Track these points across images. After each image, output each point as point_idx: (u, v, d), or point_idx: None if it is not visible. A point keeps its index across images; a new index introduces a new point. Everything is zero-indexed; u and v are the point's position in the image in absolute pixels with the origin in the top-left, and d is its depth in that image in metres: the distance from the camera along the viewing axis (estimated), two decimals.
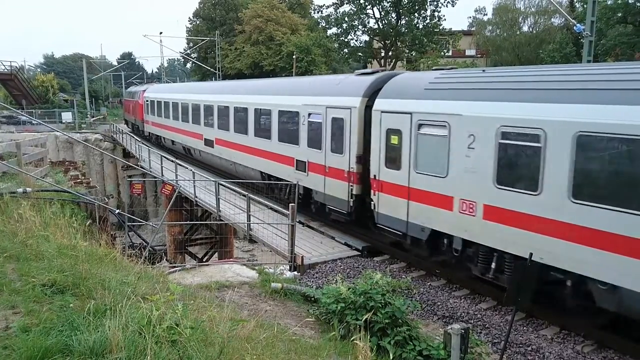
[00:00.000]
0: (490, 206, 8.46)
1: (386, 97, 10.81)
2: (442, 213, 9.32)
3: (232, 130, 18.50)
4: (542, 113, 7.74)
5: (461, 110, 8.96)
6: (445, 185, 9.24)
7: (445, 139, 9.21)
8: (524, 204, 7.94)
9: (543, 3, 47.16)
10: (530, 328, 8.18)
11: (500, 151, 8.28)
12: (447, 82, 9.86)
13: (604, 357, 7.30)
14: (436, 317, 8.74)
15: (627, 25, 37.03)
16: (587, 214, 7.16)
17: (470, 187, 8.80)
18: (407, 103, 10.13)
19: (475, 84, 9.30)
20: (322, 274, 10.45)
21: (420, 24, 41.41)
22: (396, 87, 10.87)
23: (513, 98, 8.30)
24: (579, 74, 8.06)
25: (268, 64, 51.30)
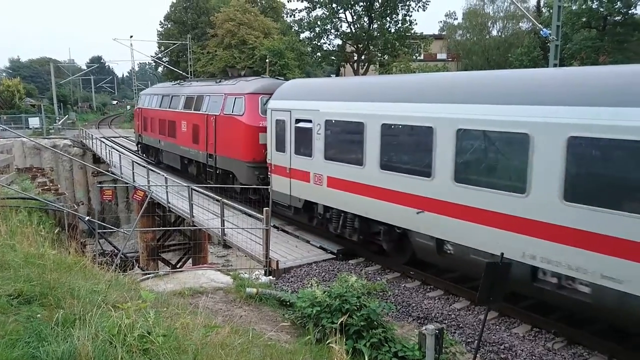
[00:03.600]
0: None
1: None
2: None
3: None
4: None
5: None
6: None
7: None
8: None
9: (511, 8, 48.24)
10: (502, 327, 8.31)
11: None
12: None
13: (573, 353, 7.47)
14: (411, 318, 8.81)
15: (591, 29, 38.13)
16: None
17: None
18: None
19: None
20: (298, 278, 10.42)
21: (392, 28, 41.72)
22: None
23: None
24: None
25: (241, 67, 50.98)
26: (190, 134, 19.20)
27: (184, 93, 20.70)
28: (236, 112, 15.84)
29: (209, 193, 14.85)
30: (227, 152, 16.32)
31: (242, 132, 15.46)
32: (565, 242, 7.17)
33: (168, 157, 22.57)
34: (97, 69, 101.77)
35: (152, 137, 24.56)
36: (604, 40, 36.38)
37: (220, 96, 17.02)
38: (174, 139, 21.09)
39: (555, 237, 7.28)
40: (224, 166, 16.78)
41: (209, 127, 17.48)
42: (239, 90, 16.10)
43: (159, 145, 23.66)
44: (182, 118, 20.05)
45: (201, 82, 21.48)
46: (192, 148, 19.15)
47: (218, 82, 18.71)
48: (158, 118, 23.13)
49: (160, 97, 23.68)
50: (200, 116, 18.22)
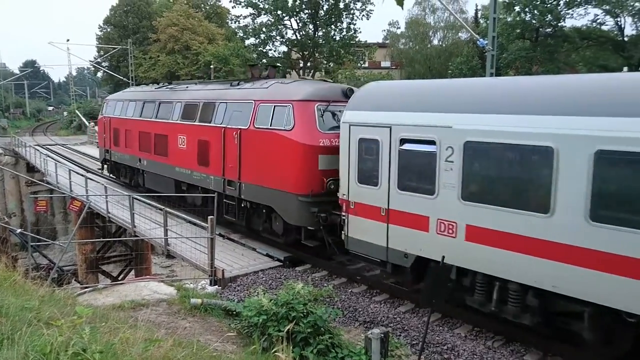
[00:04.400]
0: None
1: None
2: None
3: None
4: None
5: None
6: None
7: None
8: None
9: (451, 19, 49.97)
10: (445, 328, 8.54)
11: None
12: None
13: (511, 350, 7.78)
14: (358, 323, 8.89)
15: (525, 40, 40.12)
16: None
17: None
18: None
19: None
20: (244, 286, 10.29)
21: (337, 36, 42.27)
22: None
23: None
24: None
25: (184, 73, 50.07)
26: (193, 152, 14.51)
27: (180, 99, 15.82)
28: (278, 125, 11.34)
29: (152, 202, 14.42)
30: (262, 180, 11.84)
31: (290, 153, 11.03)
32: None
33: (154, 180, 17.30)
34: (31, 74, 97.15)
35: (128, 155, 19.08)
36: (537, 51, 38.33)
37: (248, 103, 12.45)
38: (164, 158, 16.17)
39: None
40: (255, 198, 12.26)
41: (228, 145, 12.89)
42: (281, 96, 11.65)
43: (138, 165, 18.22)
44: (178, 131, 15.26)
45: (205, 84, 16.36)
46: (196, 171, 14.44)
47: (236, 85, 13.89)
48: (138, 130, 17.93)
49: (139, 104, 18.38)
50: (213, 130, 13.54)
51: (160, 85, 19.51)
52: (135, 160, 18.48)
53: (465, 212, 7.95)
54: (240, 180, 12.54)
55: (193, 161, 14.57)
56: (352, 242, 9.90)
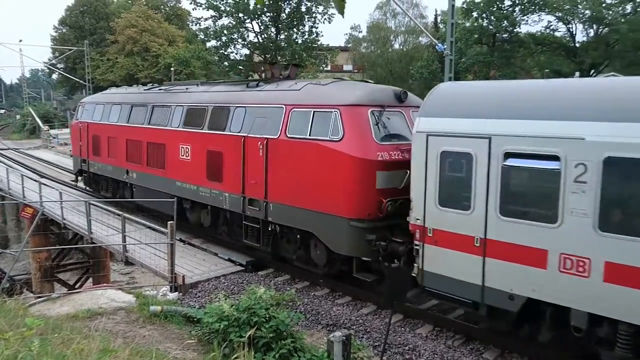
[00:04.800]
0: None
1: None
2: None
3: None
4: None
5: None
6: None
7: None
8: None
9: (411, 23, 50.82)
10: (407, 328, 8.64)
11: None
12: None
13: (471, 349, 7.93)
14: (320, 326, 8.89)
15: (483, 45, 41.21)
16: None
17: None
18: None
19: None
20: (205, 292, 10.14)
21: (300, 39, 42.39)
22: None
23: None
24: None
25: (144, 76, 49.06)
26: (200, 165, 12.43)
27: (181, 102, 13.59)
28: (321, 134, 9.47)
29: (110, 207, 14.07)
30: (298, 200, 9.92)
31: (340, 168, 9.15)
32: None
33: (147, 196, 14.81)
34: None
35: (112, 166, 16.64)
36: (494, 56, 39.43)
37: (276, 108, 10.51)
38: (160, 171, 14.00)
39: None
40: (288, 221, 10.33)
41: (249, 157, 10.90)
42: (323, 100, 9.77)
43: (125, 178, 15.83)
44: (180, 140, 13.11)
45: (210, 85, 14.10)
46: (205, 187, 12.31)
47: (255, 86, 11.88)
48: (124, 138, 15.67)
49: (125, 108, 16.05)
50: (228, 139, 11.50)
51: (150, 86, 17.35)
52: (121, 172, 15.99)
53: (604, 245, 6.28)
54: (266, 200, 10.54)
55: (200, 175, 12.38)
56: (430, 278, 7.97)
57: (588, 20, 39.49)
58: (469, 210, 7.45)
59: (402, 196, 8.75)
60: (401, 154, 9.13)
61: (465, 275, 7.52)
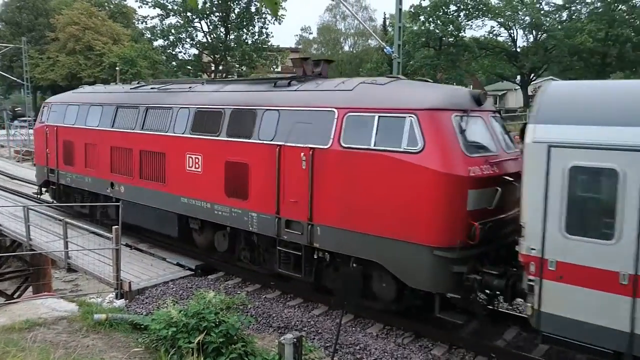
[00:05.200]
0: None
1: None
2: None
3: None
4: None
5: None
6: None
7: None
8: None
9: (361, 26, 51.51)
10: (358, 328, 8.71)
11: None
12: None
13: (420, 346, 8.09)
14: (272, 329, 8.83)
15: (430, 49, 42.31)
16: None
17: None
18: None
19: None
20: (153, 298, 9.87)
21: (249, 39, 42.09)
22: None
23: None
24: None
25: (87, 75, 47.31)
26: (216, 178, 10.44)
27: (186, 104, 11.43)
28: (391, 144, 7.80)
29: (51, 212, 13.46)
30: (359, 223, 8.17)
31: (421, 186, 7.52)
32: None
33: (140, 213, 12.52)
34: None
35: (91, 177, 14.09)
36: (441, 59, 40.57)
37: (325, 112, 8.73)
38: (159, 185, 11.80)
39: None
40: (343, 248, 8.52)
41: (288, 170, 9.12)
42: (390, 103, 8.07)
43: (109, 192, 13.42)
44: (186, 148, 11.13)
45: (223, 84, 12.00)
46: (223, 204, 10.37)
47: (287, 85, 10.02)
48: (109, 145, 13.30)
49: (109, 110, 13.60)
50: (256, 148, 9.64)
51: (136, 84, 14.89)
52: (104, 185, 13.47)
53: None
54: (311, 222, 8.77)
55: (216, 191, 10.43)
56: (550, 321, 6.54)
57: (528, 27, 41.35)
58: (611, 240, 6.08)
59: (491, 218, 7.59)
60: (491, 168, 7.70)
61: (604, 319, 6.14)
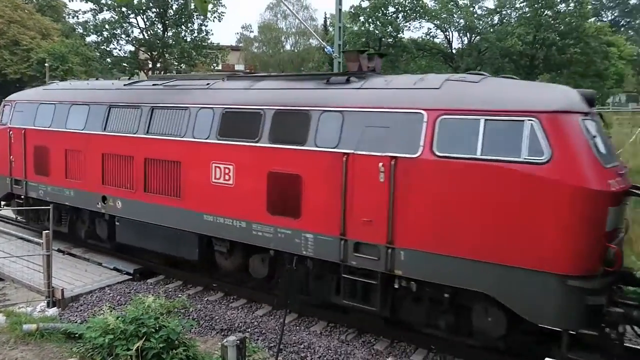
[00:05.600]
0: None
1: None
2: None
3: None
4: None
5: None
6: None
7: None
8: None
9: (302, 25, 51.63)
10: (302, 327, 8.74)
11: None
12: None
13: (363, 342, 8.22)
14: (215, 331, 8.70)
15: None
16: None
17: None
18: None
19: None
20: (88, 305, 9.47)
21: (188, 37, 41.17)
22: None
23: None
24: None
25: (13, 71, 44.61)
26: (255, 192, 8.79)
27: (210, 103, 9.62)
28: (509, 154, 6.57)
29: None
30: (462, 247, 6.86)
31: (550, 203, 6.31)
32: None
33: (143, 233, 10.62)
34: None
35: (73, 190, 11.80)
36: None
37: (409, 114, 7.38)
38: (173, 200, 9.92)
39: None
40: (438, 276, 7.17)
41: (358, 183, 7.67)
42: (499, 104, 6.86)
43: (101, 208, 11.29)
44: (213, 156, 9.34)
45: (253, 80, 10.04)
46: (264, 223, 8.71)
47: (345, 82, 8.51)
48: (99, 152, 11.23)
49: (98, 110, 11.44)
50: (314, 157, 8.12)
51: (132, 80, 12.94)
52: (93, 199, 11.31)
53: None
54: (392, 245, 7.41)
55: (255, 207, 8.77)
56: None
57: (462, 29, 42.94)
58: None
59: (618, 239, 6.75)
60: (622, 181, 6.77)
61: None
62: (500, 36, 39.03)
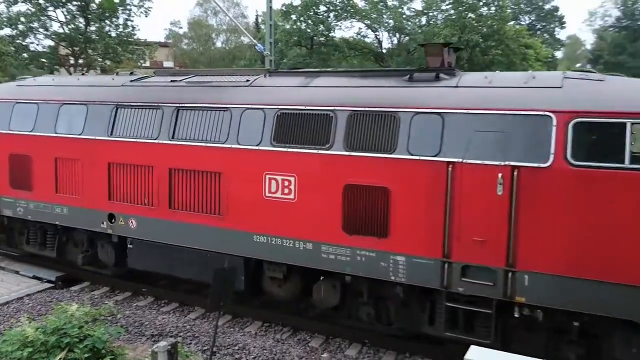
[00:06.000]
0: None
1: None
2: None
3: None
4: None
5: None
6: None
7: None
8: None
9: (233, 22, 50.90)
10: (236, 328, 8.64)
11: None
12: None
13: (298, 340, 8.26)
14: (145, 337, 8.40)
15: (302, 47, 43.12)
16: None
17: None
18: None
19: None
20: (5, 317, 8.85)
21: (113, 32, 39.38)
22: None
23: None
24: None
25: None
26: (326, 207, 7.56)
27: (257, 103, 8.21)
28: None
29: None
30: (608, 271, 6.10)
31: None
32: None
33: (168, 258, 9.05)
34: None
35: (71, 207, 9.88)
36: (313, 58, 41.54)
37: (533, 117, 6.45)
38: (211, 218, 8.47)
39: None
40: (574, 303, 6.30)
41: (467, 197, 6.70)
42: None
43: (106, 228, 9.56)
44: (267, 166, 7.96)
45: (309, 76, 8.72)
46: (339, 244, 7.51)
47: (436, 79, 7.49)
48: (107, 162, 9.44)
49: (98, 111, 9.65)
50: (406, 166, 7.03)
51: (140, 75, 10.72)
52: (96, 218, 9.57)
53: None
54: (513, 268, 6.48)
55: (326, 225, 7.54)
56: None
57: (392, 29, 44.01)
58: None
59: None
60: None
61: None
62: (428, 37, 40.33)
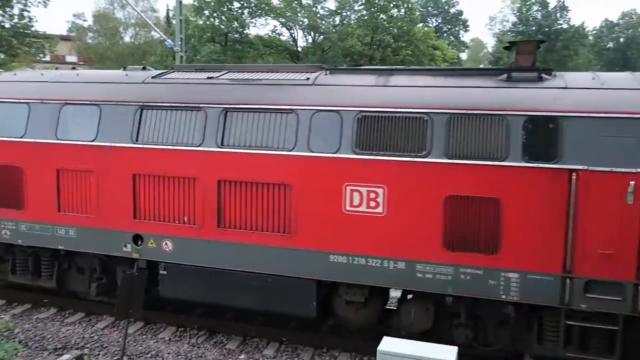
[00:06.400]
0: None
1: None
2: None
3: None
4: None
5: None
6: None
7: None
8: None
9: (141, 16, 48.78)
10: (149, 335, 8.33)
11: None
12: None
13: (214, 342, 8.11)
14: (47, 352, 7.85)
15: (216, 44, 42.28)
16: None
17: None
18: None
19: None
20: None
21: (7, 23, 36.35)
22: None
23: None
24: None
25: None
26: (425, 222, 6.83)
27: (336, 104, 7.21)
28: None
29: None
30: None
31: None
32: None
33: (216, 285, 7.76)
34: None
35: (79, 228, 8.33)
36: (227, 54, 40.86)
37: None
38: (276, 237, 7.43)
39: None
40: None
41: (590, 208, 6.31)
42: None
43: (129, 252, 8.14)
44: (349, 176, 7.05)
45: (386, 73, 7.75)
46: (436, 262, 6.84)
47: (539, 80, 6.87)
48: (132, 173, 8.04)
49: (120, 112, 8.14)
50: (517, 175, 6.50)
51: (161, 71, 9.16)
52: (117, 240, 8.17)
53: None
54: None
55: (423, 241, 6.86)
56: None
57: (306, 28, 44.35)
58: None
59: None
60: None
61: None
62: (342, 36, 41.13)
